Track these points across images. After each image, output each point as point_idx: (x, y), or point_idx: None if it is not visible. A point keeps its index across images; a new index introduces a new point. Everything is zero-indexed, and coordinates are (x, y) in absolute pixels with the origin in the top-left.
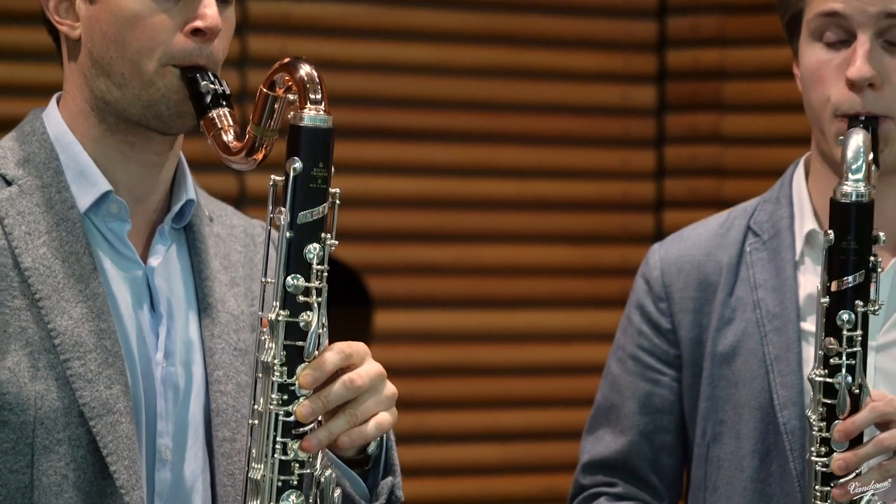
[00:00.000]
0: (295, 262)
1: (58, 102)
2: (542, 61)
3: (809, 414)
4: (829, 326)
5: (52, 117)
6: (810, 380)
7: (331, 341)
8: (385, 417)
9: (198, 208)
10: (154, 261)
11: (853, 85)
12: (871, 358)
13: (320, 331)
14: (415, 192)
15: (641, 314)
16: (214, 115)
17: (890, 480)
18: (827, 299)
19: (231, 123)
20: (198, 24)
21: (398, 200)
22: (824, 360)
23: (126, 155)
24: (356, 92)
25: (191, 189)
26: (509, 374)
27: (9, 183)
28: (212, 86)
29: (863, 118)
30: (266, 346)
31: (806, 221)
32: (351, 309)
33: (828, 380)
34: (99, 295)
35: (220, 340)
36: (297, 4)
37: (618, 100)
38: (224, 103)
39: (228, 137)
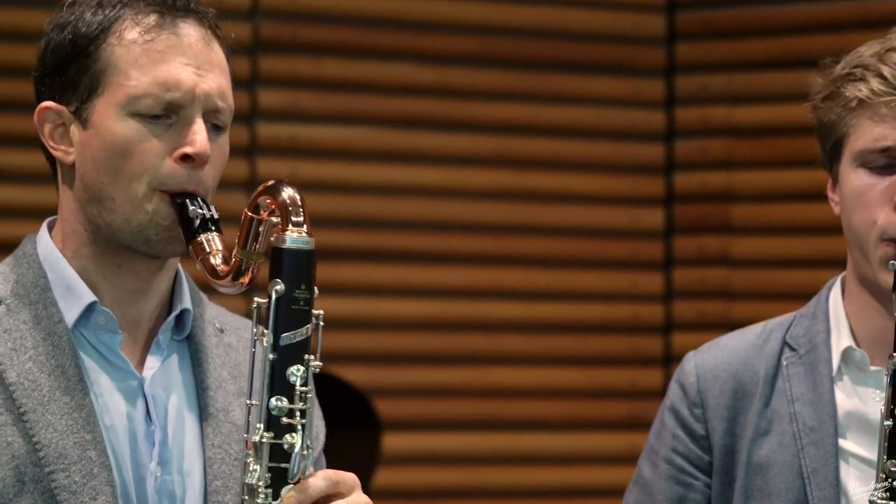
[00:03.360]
0: (279, 383)
1: (49, 226)
2: (549, 184)
3: None
4: (892, 449)
5: (43, 240)
6: (872, 502)
7: (338, 465)
8: None
9: (200, 319)
10: (148, 371)
11: None
12: None
13: (304, 452)
14: (422, 314)
15: (676, 419)
16: (203, 239)
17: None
18: (891, 422)
19: (220, 248)
20: (187, 150)
21: (406, 323)
22: (888, 484)
23: (115, 274)
24: (363, 214)
25: (186, 299)
26: (518, 496)
27: None
28: (200, 210)
29: None
30: (250, 468)
31: (842, 338)
32: (359, 432)
33: (891, 503)
34: (85, 406)
35: (220, 450)
36: (305, 128)
37: (626, 222)
38: (213, 228)
39: (216, 261)
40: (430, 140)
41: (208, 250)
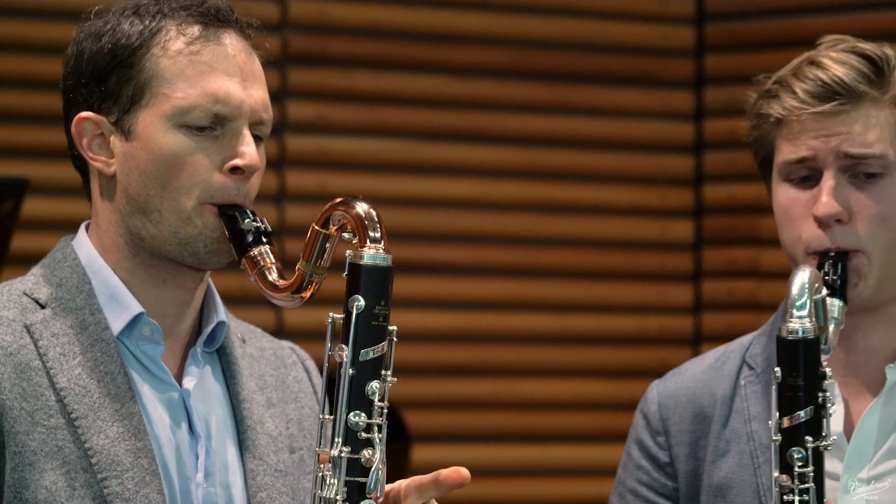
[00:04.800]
0: (357, 398)
1: (87, 231)
2: (577, 196)
3: None
4: (782, 463)
5: (83, 245)
6: None
7: None
8: None
9: (229, 330)
10: (189, 383)
11: (821, 223)
12: (863, 491)
13: (381, 467)
14: (451, 326)
15: (640, 449)
16: (256, 252)
17: (890, 480)
18: (779, 437)
19: (273, 261)
20: (238, 162)
21: (435, 335)
22: (780, 498)
23: (158, 287)
24: (392, 227)
25: (221, 311)
26: None
27: (42, 306)
28: (254, 223)
29: (832, 254)
30: (328, 482)
31: None
32: (388, 444)
33: None
34: (135, 414)
35: (260, 462)
36: (334, 140)
37: (655, 234)
38: (265, 240)
39: (273, 276)
40: (458, 152)
41: (263, 264)
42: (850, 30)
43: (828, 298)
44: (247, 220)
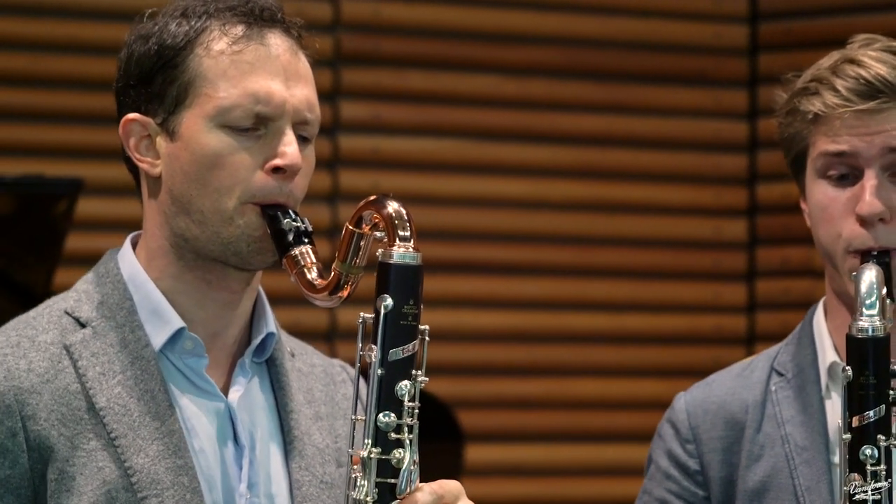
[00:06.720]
0: (386, 399)
1: (132, 242)
2: (631, 195)
3: None
4: (853, 462)
5: (127, 258)
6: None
7: (423, 477)
8: None
9: (279, 342)
10: (235, 394)
11: (864, 221)
12: None
13: (412, 468)
14: (505, 325)
15: (669, 458)
16: (297, 252)
17: (891, 480)
18: (849, 435)
19: (314, 261)
20: (278, 162)
21: (489, 334)
22: (850, 497)
23: (203, 292)
24: (446, 226)
25: (271, 323)
26: None
27: (83, 325)
28: (294, 223)
29: (875, 253)
30: (358, 483)
31: (827, 356)
32: (442, 444)
33: None
34: (175, 432)
35: (306, 473)
36: (387, 140)
37: (709, 233)
38: (306, 240)
39: (312, 275)
40: (512, 152)
41: (303, 264)
42: None
43: None
44: (287, 220)
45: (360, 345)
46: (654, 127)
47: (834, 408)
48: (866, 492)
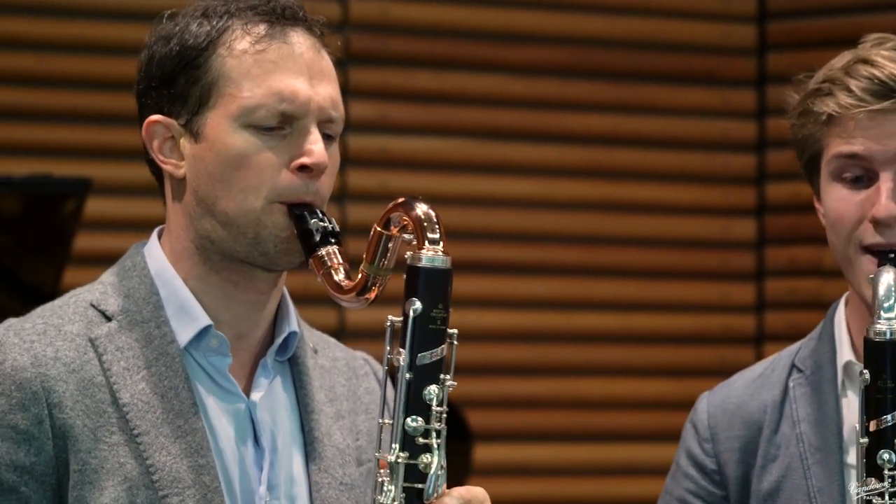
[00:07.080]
0: (414, 403)
1: (159, 237)
2: (639, 194)
3: None
4: (870, 466)
5: (154, 252)
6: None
7: None
8: None
9: (301, 340)
10: (257, 394)
11: (880, 224)
12: None
13: (440, 472)
14: (512, 325)
15: (688, 457)
16: (323, 252)
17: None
18: (866, 439)
19: (341, 262)
20: (304, 160)
21: (496, 334)
22: (867, 502)
23: (229, 293)
24: (453, 226)
25: (294, 321)
26: None
27: (108, 319)
28: (321, 223)
29: (892, 254)
30: (385, 488)
31: (844, 354)
32: (450, 443)
33: None
34: (198, 430)
35: (325, 475)
36: (395, 139)
37: (717, 233)
38: (333, 241)
39: (339, 276)
40: (519, 151)
41: (330, 264)
42: None
43: None
44: (314, 220)
45: (388, 348)
46: (662, 126)
47: (850, 406)
48: (883, 497)
